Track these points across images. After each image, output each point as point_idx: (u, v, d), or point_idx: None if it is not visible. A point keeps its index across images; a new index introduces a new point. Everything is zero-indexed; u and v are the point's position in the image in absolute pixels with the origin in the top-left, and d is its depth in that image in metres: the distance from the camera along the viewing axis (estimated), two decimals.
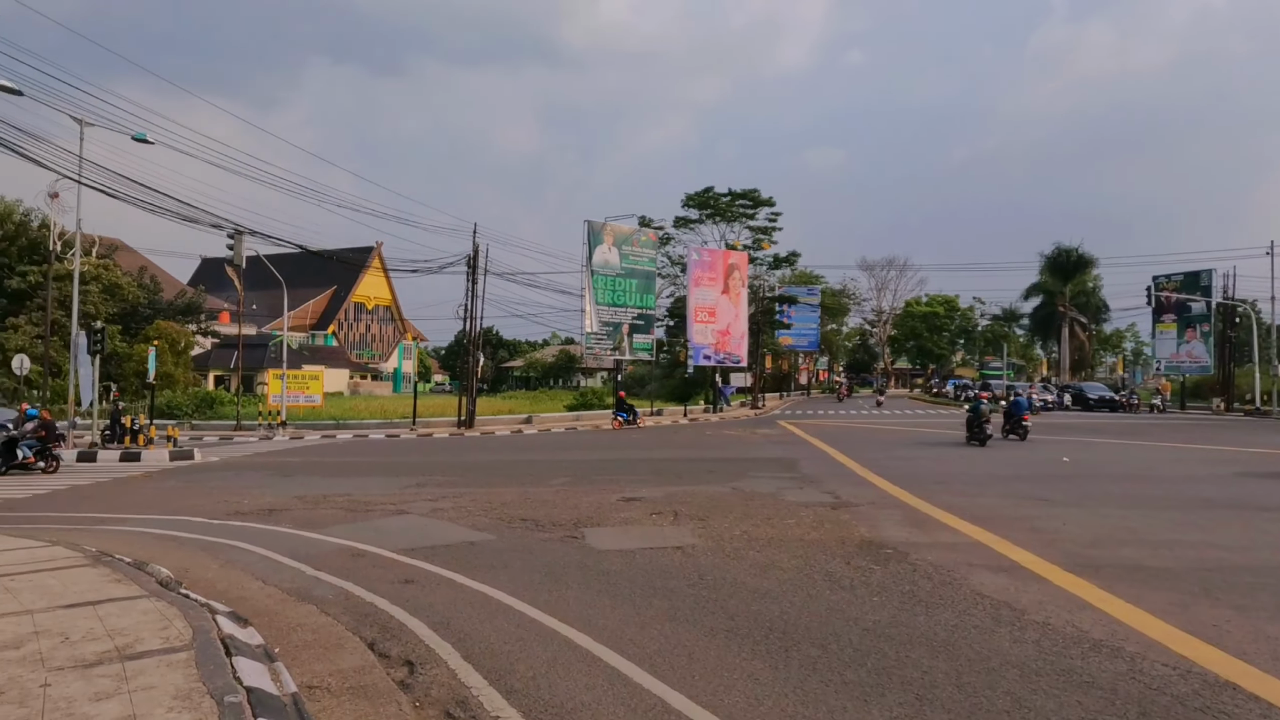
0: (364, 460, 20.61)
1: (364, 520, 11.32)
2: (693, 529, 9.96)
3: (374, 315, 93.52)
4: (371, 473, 17.50)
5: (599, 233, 35.58)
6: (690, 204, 56.46)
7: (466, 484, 15.15)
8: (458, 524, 10.78)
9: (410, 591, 7.15)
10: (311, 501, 13.18)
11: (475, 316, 31.32)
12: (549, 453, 22.30)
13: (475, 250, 31.01)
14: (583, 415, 36.36)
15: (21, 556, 8.26)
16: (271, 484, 15.71)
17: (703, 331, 40.05)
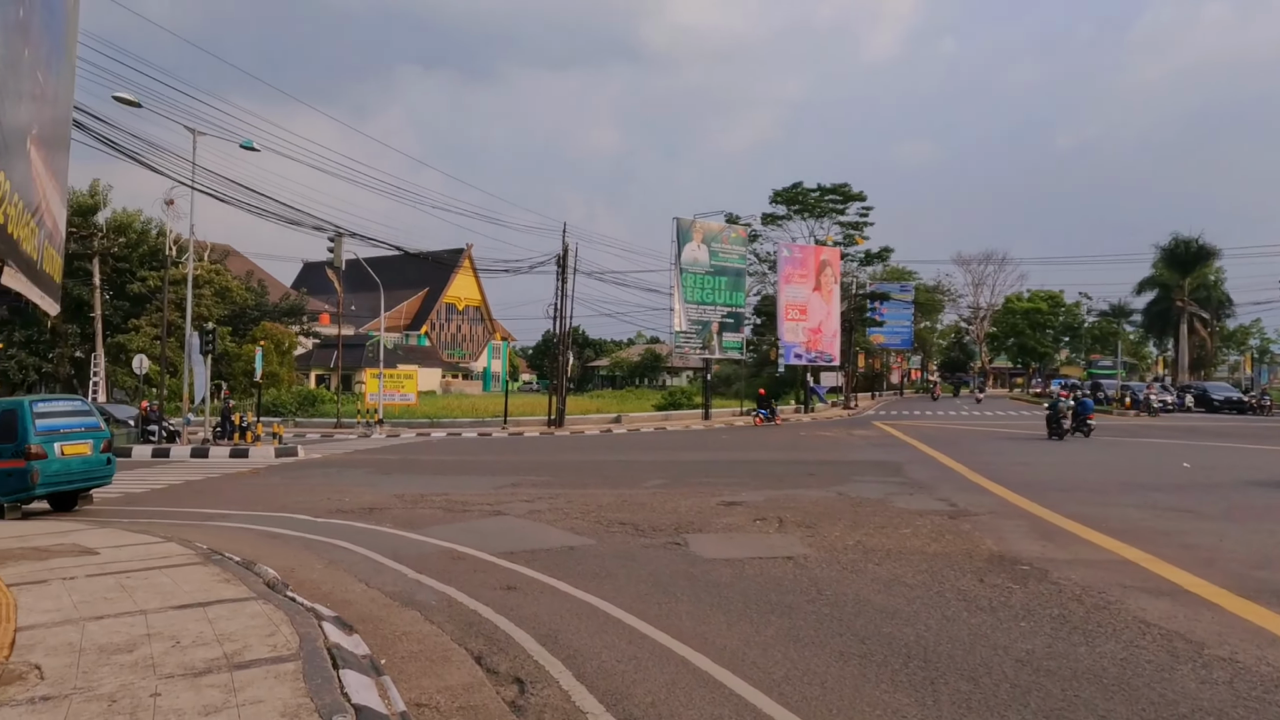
0: (459, 459, 20.77)
1: (462, 521, 11.22)
2: (801, 537, 9.41)
3: (464, 316, 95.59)
4: (467, 472, 17.56)
5: (688, 230, 35.13)
6: (778, 200, 55.32)
7: (561, 484, 14.96)
8: (555, 527, 10.54)
9: (513, 599, 6.88)
10: (410, 500, 13.21)
11: (565, 315, 31.38)
12: (641, 453, 22.00)
13: (565, 249, 31.05)
14: (671, 415, 36.00)
15: (139, 553, 8.42)
16: (371, 482, 15.91)
17: (793, 329, 39.10)
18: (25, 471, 11.86)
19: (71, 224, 39.97)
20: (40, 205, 6.36)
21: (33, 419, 12.16)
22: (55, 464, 12.27)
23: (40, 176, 6.11)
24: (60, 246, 8.04)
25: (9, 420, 12.15)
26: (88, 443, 12.89)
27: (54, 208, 7.22)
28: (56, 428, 12.50)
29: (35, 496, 12.38)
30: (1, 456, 12.03)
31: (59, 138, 7.21)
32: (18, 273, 5.54)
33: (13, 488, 12.00)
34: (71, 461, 12.57)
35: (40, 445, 12.05)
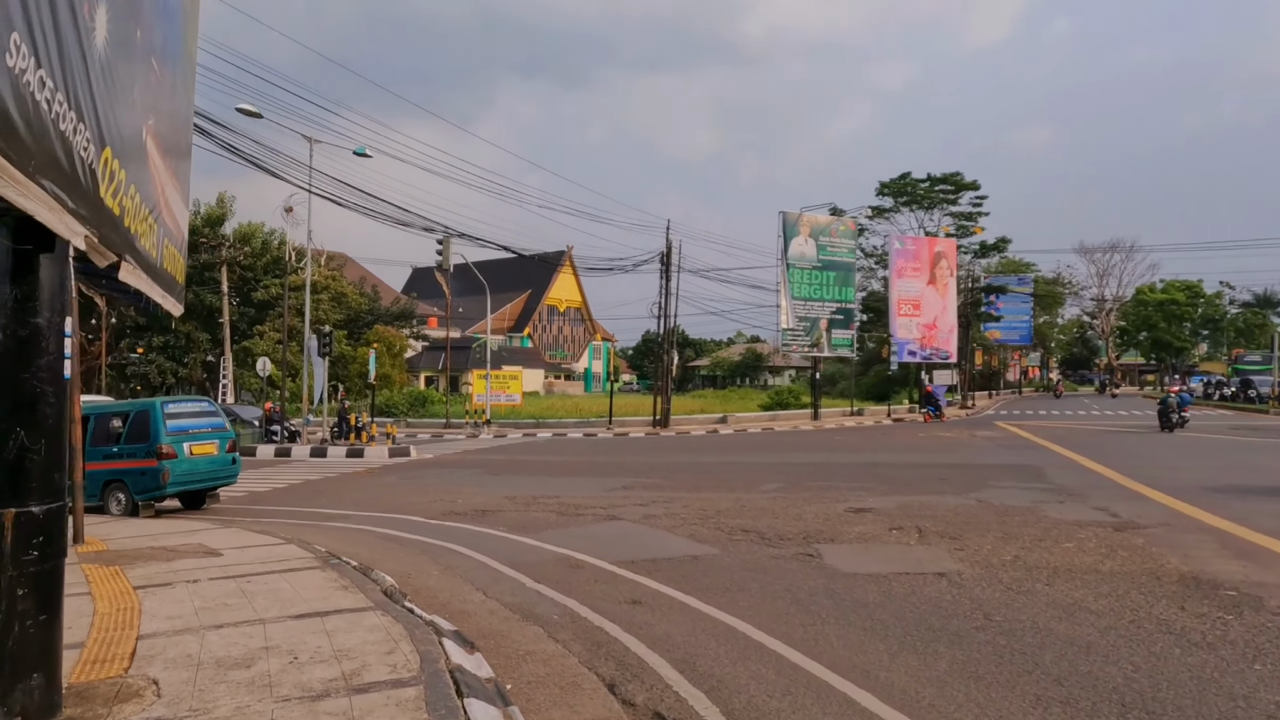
0: (567, 460, 20.53)
1: (576, 525, 10.80)
2: (948, 551, 8.50)
3: (565, 317, 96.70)
4: (576, 473, 17.25)
5: (794, 224, 34.01)
6: (885, 192, 53.22)
7: (674, 487, 14.40)
8: (674, 533, 9.97)
9: (641, 616, 6.33)
10: (522, 503, 12.93)
11: (668, 314, 30.87)
12: (752, 455, 21.22)
13: (669, 247, 30.57)
14: (779, 415, 34.95)
15: (260, 555, 8.34)
16: (482, 483, 15.79)
17: (907, 325, 37.34)
18: (157, 471, 12.21)
19: (201, 234, 42.36)
20: (159, 202, 6.22)
21: (163, 420, 12.53)
22: (184, 464, 12.59)
23: (159, 172, 5.95)
24: (182, 248, 8.01)
25: (142, 421, 12.54)
26: (214, 443, 13.20)
27: (174, 208, 7.14)
28: (185, 428, 12.84)
29: (166, 495, 12.73)
30: (135, 456, 12.43)
31: (179, 136, 7.11)
32: (136, 269, 5.35)
33: (145, 486, 12.37)
34: (199, 461, 12.88)
35: (170, 445, 12.39)
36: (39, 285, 3.93)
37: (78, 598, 6.51)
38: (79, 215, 3.93)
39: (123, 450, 12.55)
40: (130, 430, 12.61)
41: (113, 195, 4.46)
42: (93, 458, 12.51)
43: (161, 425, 12.45)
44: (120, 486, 12.51)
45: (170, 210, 6.85)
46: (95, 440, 12.63)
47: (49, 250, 4.00)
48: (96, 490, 12.53)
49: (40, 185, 3.29)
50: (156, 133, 5.67)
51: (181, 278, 7.99)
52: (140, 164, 5.16)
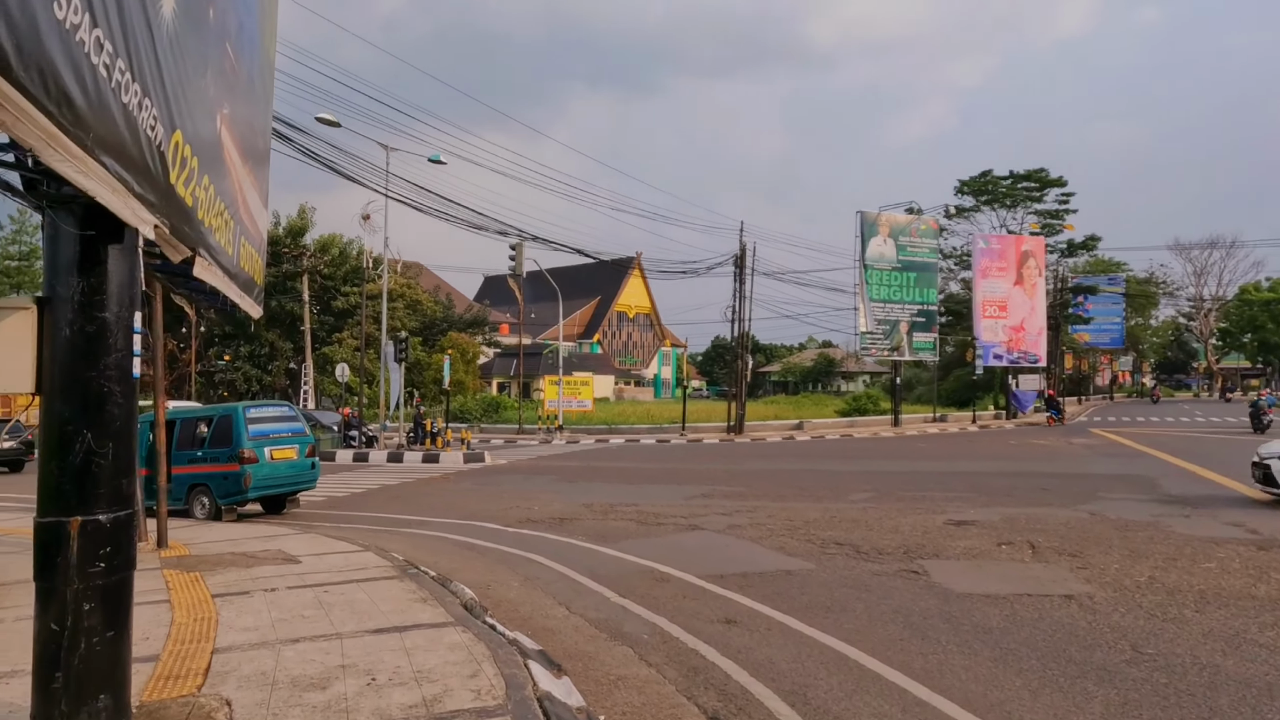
0: (642, 466, 20.12)
1: (658, 535, 10.34)
2: (1071, 570, 7.72)
3: (634, 323, 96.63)
4: (653, 480, 16.81)
5: (873, 224, 32.91)
6: (964, 190, 51.29)
7: (756, 496, 13.81)
8: (762, 545, 9.41)
9: (738, 637, 5.82)
10: (600, 511, 12.54)
11: (742, 319, 30.23)
12: (835, 462, 20.41)
13: (742, 249, 29.92)
14: (857, 421, 33.85)
15: (338, 563, 8.13)
16: (558, 490, 15.48)
17: (992, 328, 35.71)
18: (239, 475, 12.24)
19: (284, 244, 43.63)
20: (236, 198, 6.02)
21: (245, 424, 12.57)
22: (265, 468, 12.60)
23: (235, 167, 5.75)
24: (261, 250, 7.86)
25: (226, 425, 12.63)
26: (294, 447, 13.21)
27: (253, 208, 6.97)
28: (266, 433, 12.86)
29: (248, 499, 12.79)
30: (218, 460, 12.52)
31: (256, 137, 6.94)
32: (212, 265, 5.12)
33: (228, 490, 12.43)
34: (280, 466, 12.89)
35: (252, 450, 12.41)
36: (107, 278, 3.67)
37: (156, 605, 6.36)
38: (147, 202, 3.66)
39: (206, 454, 12.65)
40: (214, 435, 12.71)
41: (184, 184, 4.21)
42: (178, 461, 12.66)
43: (244, 430, 12.49)
44: (204, 490, 12.61)
45: (248, 209, 6.67)
46: (180, 444, 12.78)
47: (117, 240, 3.74)
48: (182, 494, 12.67)
49: (101, 163, 3.00)
50: (232, 124, 5.46)
51: (260, 279, 7.84)
52: (214, 154, 4.93)
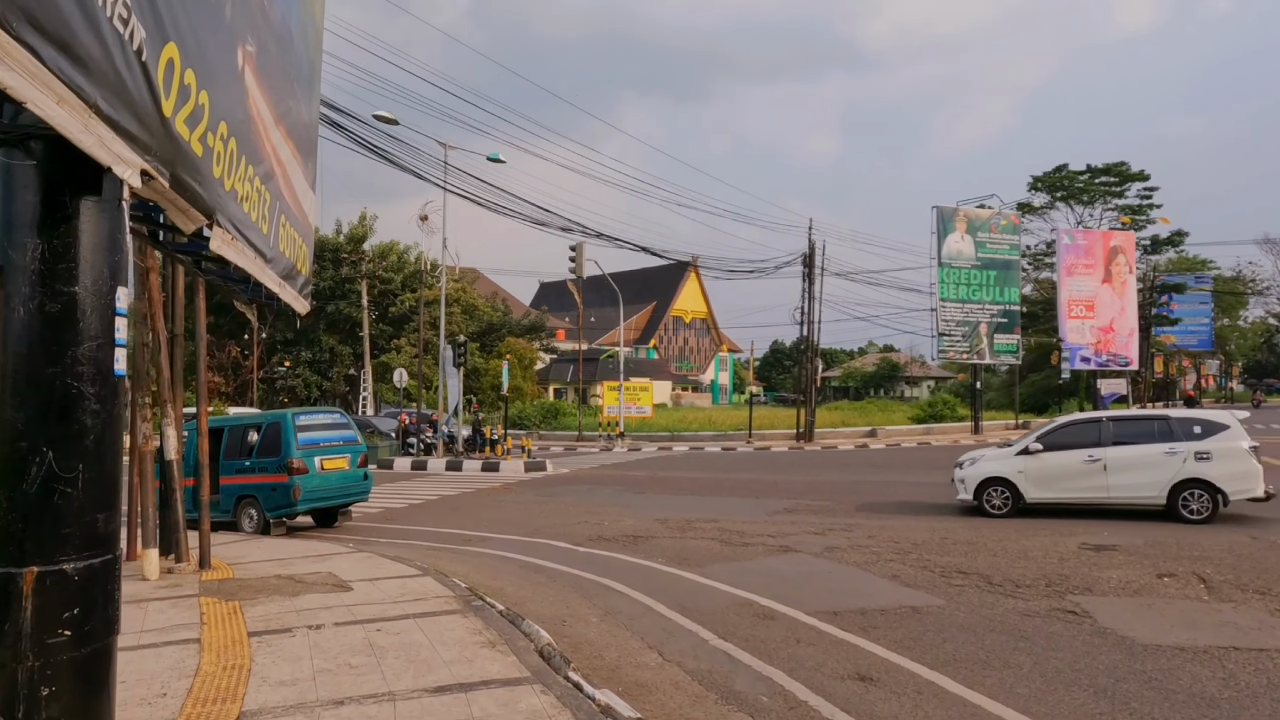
0: (712, 476, 18.93)
1: (747, 559, 9.17)
2: (1270, 613, 6.31)
3: (691, 328, 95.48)
4: (726, 492, 15.61)
5: (950, 219, 31.13)
6: (1037, 187, 48.91)
7: (846, 512, 12.53)
8: (871, 573, 8.17)
9: (883, 703, 4.63)
10: (676, 528, 11.42)
11: (812, 321, 28.79)
12: (920, 472, 18.91)
13: (811, 248, 28.51)
14: (933, 428, 32.07)
15: (394, 591, 7.17)
16: (626, 502, 14.41)
17: (1079, 329, 33.50)
18: (288, 487, 11.46)
19: (344, 250, 43.68)
20: (272, 166, 5.07)
21: (294, 432, 11.76)
22: (315, 479, 11.77)
23: (266, 126, 4.79)
24: (307, 236, 6.96)
25: (274, 433, 11.87)
26: (345, 457, 12.37)
27: (295, 184, 6.05)
28: (316, 441, 12.05)
29: (298, 512, 12.04)
30: (266, 470, 11.77)
31: (296, 99, 6.02)
32: (237, 240, 4.15)
33: (276, 503, 11.68)
34: (330, 476, 12.07)
35: (301, 459, 11.62)
36: (76, 239, 2.69)
37: (184, 646, 5.46)
38: (126, 133, 2.66)
39: (254, 464, 11.91)
40: (262, 443, 11.96)
41: (188, 123, 3.22)
42: (225, 472, 11.96)
43: (293, 438, 11.68)
44: (252, 502, 11.90)
45: (289, 183, 5.73)
46: (229, 453, 12.09)
47: (93, 191, 2.76)
48: (230, 506, 11.97)
49: (29, 49, 2.02)
50: (261, 71, 4.49)
51: (306, 269, 6.92)
52: (234, 97, 3.95)
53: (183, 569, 8.10)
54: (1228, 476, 10.56)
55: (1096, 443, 11.27)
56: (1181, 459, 10.72)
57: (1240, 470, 10.56)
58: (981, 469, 11.94)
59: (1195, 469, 10.64)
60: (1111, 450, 11.12)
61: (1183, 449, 10.74)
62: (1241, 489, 10.55)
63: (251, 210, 4.50)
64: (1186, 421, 11.11)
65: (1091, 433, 11.46)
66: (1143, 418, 12.16)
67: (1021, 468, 11.56)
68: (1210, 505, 10.55)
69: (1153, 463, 10.86)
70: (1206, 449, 10.67)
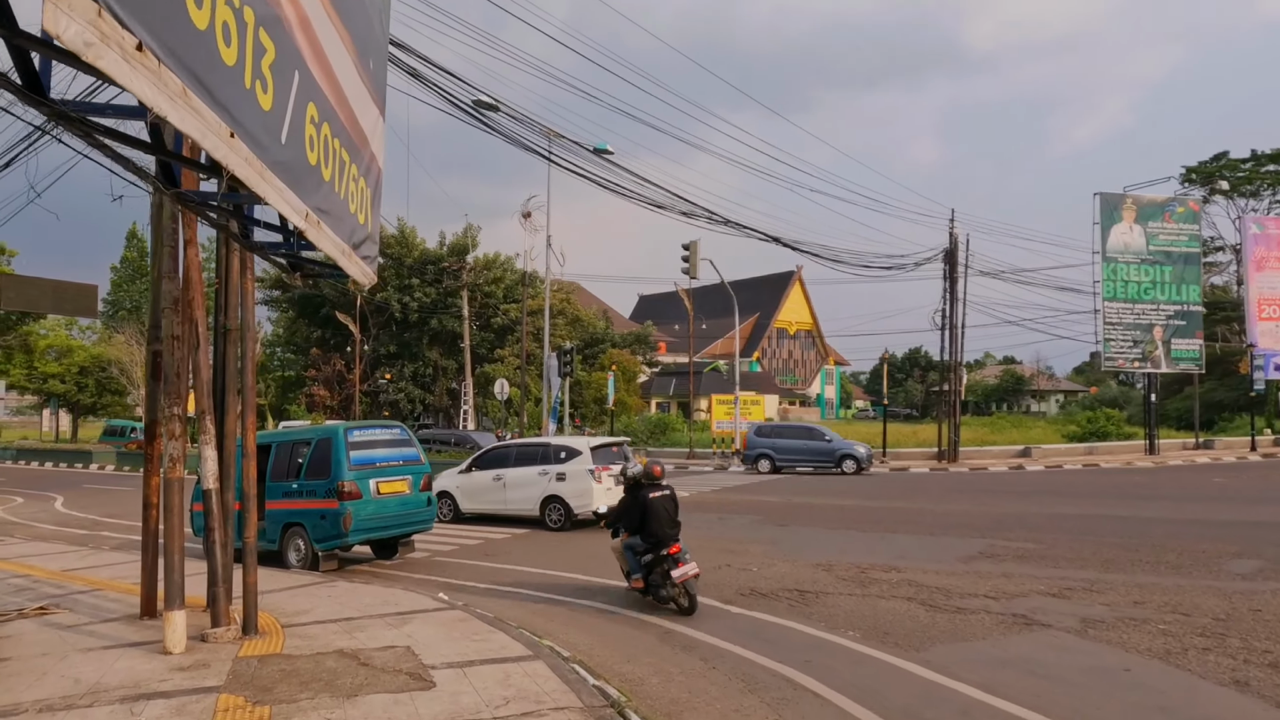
0: (860, 505, 16.11)
1: (975, 635, 6.52)
2: None
3: (795, 340, 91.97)
4: (888, 525, 12.82)
5: (1115, 208, 27.12)
6: (1191, 179, 43.66)
7: (1069, 560, 9.62)
8: (1189, 671, 5.44)
9: None
10: (849, 578, 8.81)
11: (955, 325, 25.46)
12: (1124, 504, 15.55)
13: (953, 242, 25.22)
14: (1096, 447, 28.01)
15: (490, 687, 4.93)
16: (770, 538, 11.86)
17: (1273, 332, 28.75)
18: (338, 514, 9.54)
19: (446, 262, 42.91)
20: (299, 48, 2.77)
21: (346, 450, 9.84)
22: (369, 505, 9.83)
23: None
24: (370, 176, 4.79)
25: (324, 451, 9.94)
26: (406, 479, 10.40)
27: (348, 92, 3.90)
28: (372, 460, 10.13)
29: (349, 544, 10.13)
30: (314, 495, 9.84)
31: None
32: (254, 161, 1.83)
33: (325, 533, 9.76)
34: (388, 502, 10.09)
35: (354, 482, 9.68)
36: None
37: None
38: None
39: (302, 487, 10.02)
40: (311, 462, 10.07)
41: None
42: (272, 495, 10.13)
43: (344, 457, 9.77)
44: (299, 531, 10.02)
45: (336, 88, 3.55)
46: (276, 474, 10.25)
47: None
48: (276, 534, 10.15)
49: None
50: None
51: (368, 220, 4.79)
52: None
53: (219, 636, 6.09)
54: (574, 494, 13.01)
55: (504, 464, 14.01)
56: (548, 479, 13.29)
57: (582, 489, 12.90)
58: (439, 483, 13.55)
59: (554, 488, 13.20)
60: (509, 471, 13.82)
61: (551, 470, 13.28)
62: (582, 505, 12.87)
63: (267, 103, 2.27)
64: (558, 448, 13.77)
65: (503, 456, 14.31)
66: (533, 444, 14.71)
67: (459, 484, 14.41)
68: (563, 516, 13.10)
69: (531, 482, 13.47)
70: (564, 471, 13.14)
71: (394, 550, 10.96)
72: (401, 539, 10.83)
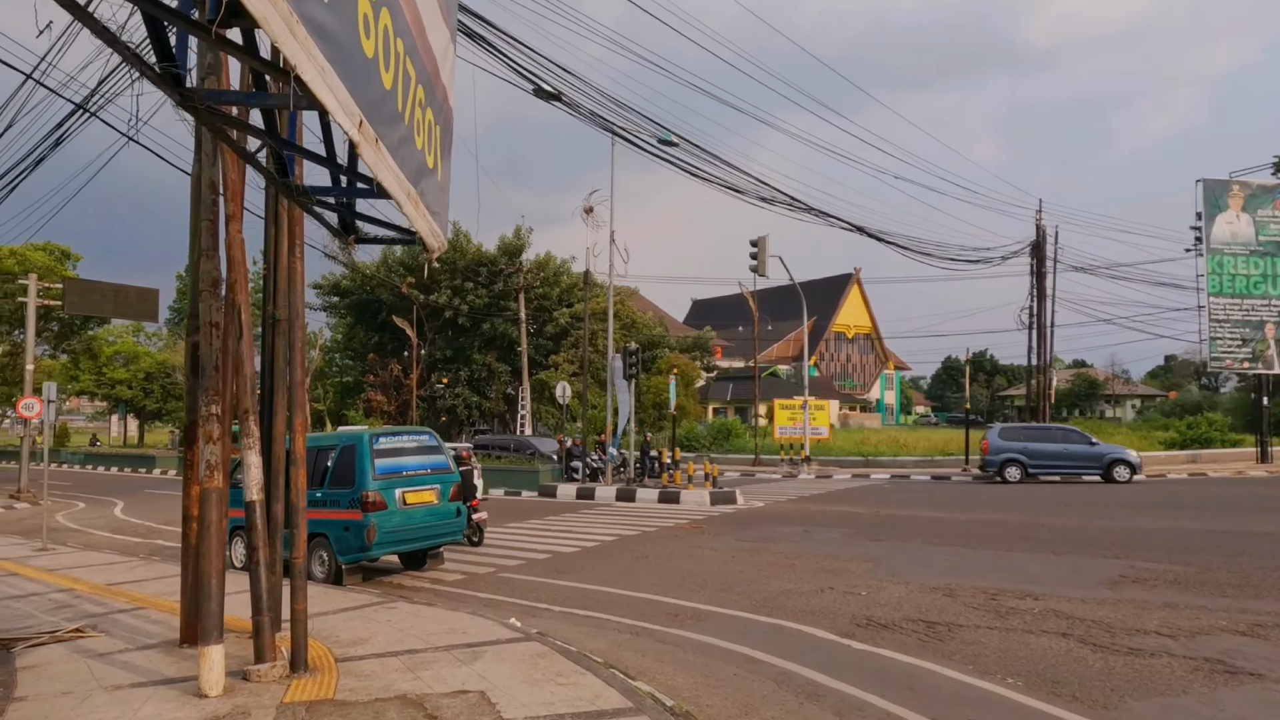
0: (957, 517, 14.73)
1: (1172, 688, 5.30)
2: None
3: (854, 344, 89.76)
4: (1000, 541, 11.47)
5: (1220, 195, 25.04)
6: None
7: (1235, 585, 8.23)
8: None
9: None
10: (979, 605, 7.59)
11: (1044, 324, 23.74)
12: (1267, 519, 13.89)
13: (1041, 235, 23.54)
14: (1199, 455, 25.95)
15: None
16: (868, 554, 10.63)
17: None
18: (361, 526, 9.00)
19: (499, 264, 42.43)
20: None
21: (372, 458, 9.34)
22: (395, 516, 9.32)
23: None
24: (440, 109, 3.77)
25: (348, 459, 9.44)
26: (433, 488, 9.85)
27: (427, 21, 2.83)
28: (398, 469, 9.61)
29: (373, 557, 9.63)
30: (338, 505, 9.31)
31: None
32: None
33: (348, 545, 9.23)
34: (414, 513, 9.57)
35: (378, 492, 9.17)
36: None
37: None
38: None
39: (326, 496, 9.41)
40: (335, 470, 9.53)
41: None
42: None
43: (369, 465, 9.23)
44: (322, 543, 9.38)
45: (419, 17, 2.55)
46: None
47: None
48: None
49: None
50: None
51: (435, 162, 3.81)
52: None
53: (263, 674, 5.19)
54: None
55: None
56: None
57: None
58: None
59: None
60: None
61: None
62: None
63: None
64: None
65: None
66: None
67: None
68: None
69: None
70: None
71: (422, 561, 10.48)
72: (430, 551, 10.35)
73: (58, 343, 25.99)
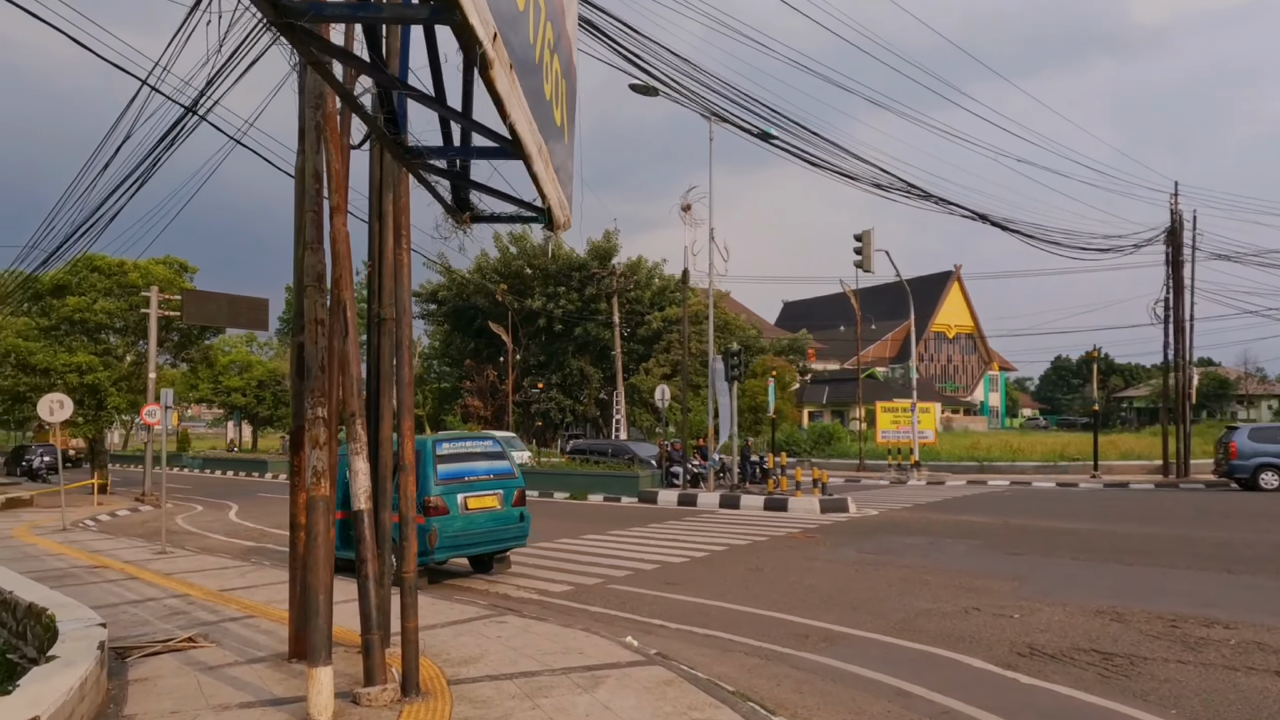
0: (1098, 528, 13.44)
1: None
2: None
3: (955, 344, 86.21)
4: (1152, 556, 10.27)
5: None
6: None
7: None
8: None
9: None
10: (1163, 636, 6.61)
11: (1184, 316, 21.77)
12: None
13: (1177, 221, 21.60)
14: None
15: None
16: (1009, 571, 9.65)
17: None
18: (423, 530, 8.88)
19: (590, 268, 42.40)
20: None
21: (434, 463, 9.37)
22: (457, 521, 9.36)
23: None
24: (569, 73, 3.25)
25: None
26: (496, 494, 9.83)
27: None
28: (460, 474, 9.63)
29: (436, 562, 9.68)
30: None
31: None
32: None
33: None
34: (476, 518, 9.57)
35: (440, 497, 9.22)
36: None
37: None
38: None
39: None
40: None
41: None
42: None
43: (431, 471, 9.27)
44: None
45: None
46: None
47: None
48: None
49: None
50: None
51: (562, 120, 3.29)
52: None
53: (374, 698, 4.82)
54: None
55: None
56: None
57: None
58: None
59: None
60: None
61: None
62: None
63: None
64: None
65: None
66: None
67: None
68: None
69: None
70: None
71: (489, 565, 10.45)
72: (496, 555, 10.35)
73: (177, 352, 27.24)
